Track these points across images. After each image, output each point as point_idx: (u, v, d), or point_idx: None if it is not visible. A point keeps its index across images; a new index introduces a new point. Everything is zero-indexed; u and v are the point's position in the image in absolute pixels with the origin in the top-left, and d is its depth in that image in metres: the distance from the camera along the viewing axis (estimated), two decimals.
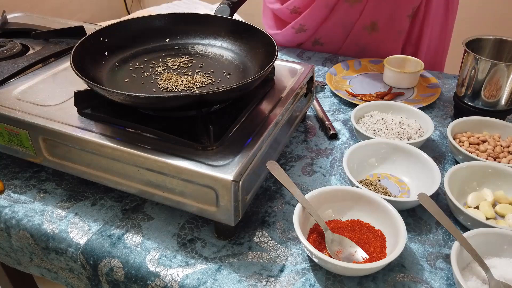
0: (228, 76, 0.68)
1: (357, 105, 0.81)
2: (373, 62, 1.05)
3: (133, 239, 0.58)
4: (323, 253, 0.51)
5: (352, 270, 0.51)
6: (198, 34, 0.75)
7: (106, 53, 0.71)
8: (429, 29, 1.07)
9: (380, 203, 0.57)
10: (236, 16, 1.64)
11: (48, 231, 0.60)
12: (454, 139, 0.73)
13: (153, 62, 0.72)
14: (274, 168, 0.58)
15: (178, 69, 0.70)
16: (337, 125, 0.83)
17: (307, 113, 0.86)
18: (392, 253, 0.51)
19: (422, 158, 0.67)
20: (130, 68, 0.70)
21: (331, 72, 0.99)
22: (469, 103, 0.80)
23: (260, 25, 0.76)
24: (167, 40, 0.78)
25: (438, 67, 1.14)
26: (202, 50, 0.76)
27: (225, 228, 0.57)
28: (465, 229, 0.58)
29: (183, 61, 0.72)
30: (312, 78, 0.76)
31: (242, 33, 0.75)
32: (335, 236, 0.55)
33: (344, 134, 0.80)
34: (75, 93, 0.60)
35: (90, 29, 0.87)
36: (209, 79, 0.66)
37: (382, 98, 0.89)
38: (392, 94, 0.91)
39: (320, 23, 1.08)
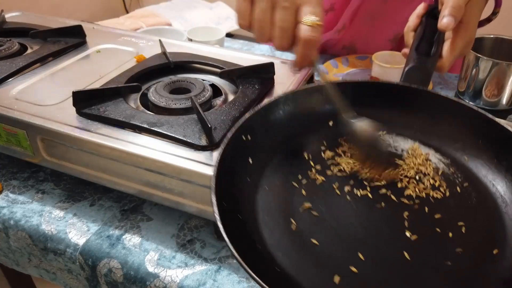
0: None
1: None
2: (359, 58, 1.05)
3: (132, 239, 0.58)
4: None
5: None
6: (376, 114, 0.52)
7: (250, 161, 0.50)
8: None
9: None
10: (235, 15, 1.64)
11: (46, 231, 0.59)
12: None
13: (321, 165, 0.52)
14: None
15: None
16: None
17: None
18: None
19: None
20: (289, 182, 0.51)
21: (323, 70, 0.99)
22: (470, 103, 0.80)
23: None
24: (330, 123, 0.56)
25: None
26: (390, 146, 0.54)
27: None
28: None
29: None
30: (312, 77, 0.76)
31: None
32: None
33: None
34: (73, 92, 0.60)
35: (88, 28, 0.87)
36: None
37: None
38: None
39: None
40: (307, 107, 0.55)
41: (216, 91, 0.68)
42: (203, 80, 0.69)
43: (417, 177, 0.50)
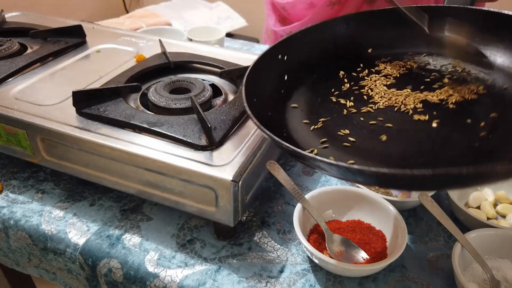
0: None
1: None
2: None
3: (132, 239, 0.58)
4: (323, 253, 0.51)
5: (353, 271, 0.51)
6: (415, 38, 0.54)
7: (285, 78, 0.54)
8: None
9: (381, 203, 0.57)
10: (235, 14, 1.63)
11: (46, 231, 0.59)
12: None
13: (357, 83, 0.54)
14: (274, 168, 0.57)
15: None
16: None
17: None
18: (392, 254, 0.50)
19: None
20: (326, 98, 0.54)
21: None
22: None
23: (260, 23, 0.74)
24: (369, 50, 0.58)
25: None
26: (429, 64, 0.53)
27: (224, 229, 0.56)
28: (466, 229, 0.58)
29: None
30: None
31: (502, 30, 0.50)
32: (336, 237, 0.55)
33: None
34: (73, 92, 0.60)
35: (88, 28, 0.87)
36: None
37: None
38: None
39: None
40: (343, 36, 0.59)
41: (216, 91, 0.68)
42: (203, 80, 0.69)
43: (450, 82, 0.51)
